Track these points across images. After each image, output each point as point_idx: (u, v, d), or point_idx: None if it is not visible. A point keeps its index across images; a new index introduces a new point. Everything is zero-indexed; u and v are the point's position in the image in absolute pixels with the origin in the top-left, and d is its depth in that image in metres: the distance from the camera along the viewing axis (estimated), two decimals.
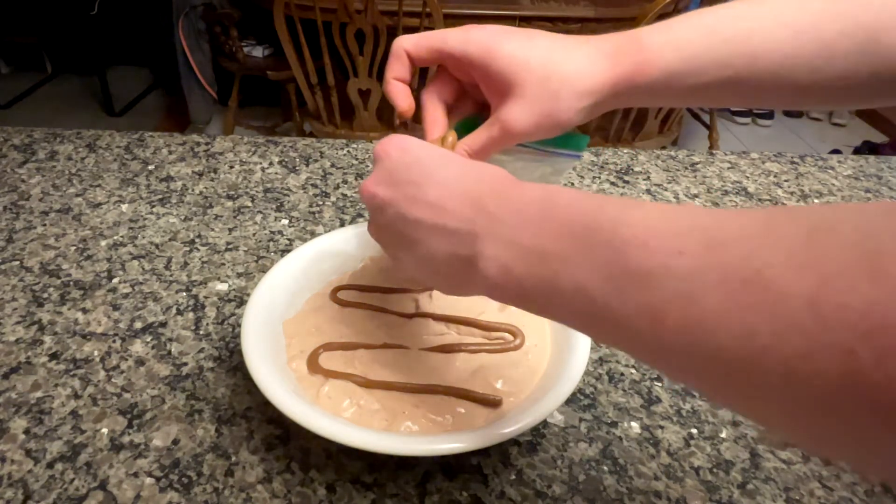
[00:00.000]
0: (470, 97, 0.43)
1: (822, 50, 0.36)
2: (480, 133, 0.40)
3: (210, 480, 0.40)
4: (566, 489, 0.41)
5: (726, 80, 0.38)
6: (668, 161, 0.80)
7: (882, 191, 0.77)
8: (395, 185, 0.34)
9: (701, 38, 0.37)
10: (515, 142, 0.40)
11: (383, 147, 0.36)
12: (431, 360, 0.44)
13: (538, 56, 0.37)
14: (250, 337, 0.42)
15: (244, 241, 0.62)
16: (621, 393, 0.48)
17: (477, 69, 0.39)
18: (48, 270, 0.58)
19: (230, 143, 0.80)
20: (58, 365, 0.48)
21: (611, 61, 0.37)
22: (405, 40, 0.40)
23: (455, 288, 0.34)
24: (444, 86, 0.42)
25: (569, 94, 0.37)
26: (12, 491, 0.39)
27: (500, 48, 0.38)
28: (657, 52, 0.37)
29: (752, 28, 0.37)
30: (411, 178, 0.34)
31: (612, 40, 0.38)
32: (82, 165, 0.74)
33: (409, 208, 0.33)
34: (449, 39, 0.39)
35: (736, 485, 0.42)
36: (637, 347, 0.25)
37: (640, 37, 0.38)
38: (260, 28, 2.37)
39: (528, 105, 0.37)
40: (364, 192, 0.36)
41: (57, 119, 2.89)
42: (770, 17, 0.37)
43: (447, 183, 0.33)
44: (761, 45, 0.37)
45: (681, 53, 0.37)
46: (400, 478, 0.41)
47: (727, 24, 0.37)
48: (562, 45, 0.38)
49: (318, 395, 0.41)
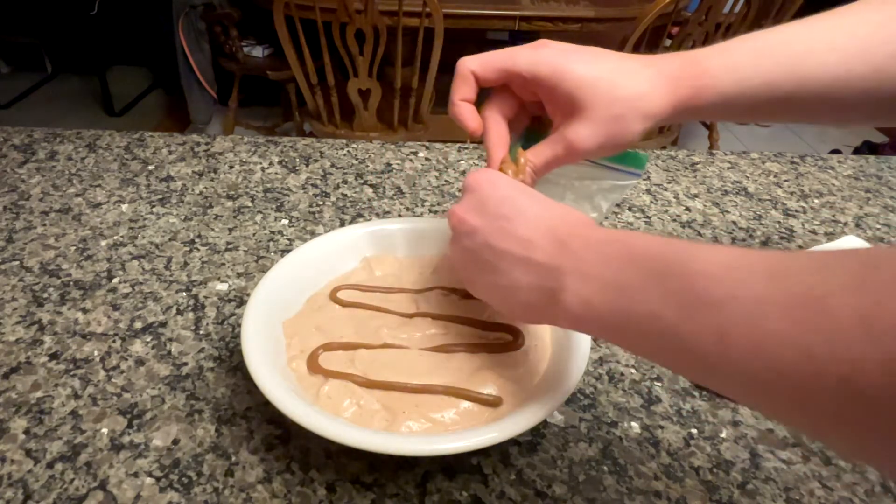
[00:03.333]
0: (526, 111, 0.44)
1: (872, 73, 0.37)
2: (545, 149, 0.41)
3: (210, 480, 0.40)
4: (566, 489, 0.41)
5: (777, 101, 0.39)
6: (668, 161, 0.80)
7: (882, 191, 0.77)
8: (486, 216, 0.37)
9: (755, 62, 0.38)
10: (579, 160, 0.41)
11: (475, 178, 0.39)
12: (431, 360, 0.44)
13: (605, 79, 0.38)
14: (250, 337, 0.42)
15: (244, 241, 0.62)
16: (621, 393, 0.48)
17: (544, 89, 0.40)
18: (48, 270, 0.58)
19: (230, 143, 0.80)
20: (58, 365, 0.48)
21: (672, 86, 0.39)
22: (471, 61, 0.41)
23: (532, 316, 0.37)
24: (504, 102, 0.43)
25: (633, 118, 0.39)
26: (12, 491, 0.39)
27: (569, 69, 0.39)
28: (715, 77, 0.39)
29: (802, 52, 0.38)
30: (502, 211, 0.37)
31: (673, 63, 0.39)
32: (82, 165, 0.74)
33: (498, 239, 0.36)
34: (518, 60, 0.40)
35: (736, 485, 0.42)
36: (704, 369, 0.27)
37: (700, 60, 0.39)
38: (260, 28, 2.37)
39: (593, 125, 0.39)
40: (454, 217, 0.39)
41: (57, 119, 2.89)
42: (820, 41, 0.38)
43: (535, 220, 0.36)
44: (811, 69, 0.38)
45: (736, 76, 0.38)
46: (400, 478, 0.41)
47: (779, 49, 0.39)
48: (627, 67, 0.39)
49: (318, 395, 0.41)
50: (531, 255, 0.34)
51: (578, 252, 0.32)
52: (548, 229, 0.35)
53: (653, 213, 0.70)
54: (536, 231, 0.35)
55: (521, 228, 0.35)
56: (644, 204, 0.71)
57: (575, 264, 0.32)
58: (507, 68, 0.40)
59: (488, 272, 0.37)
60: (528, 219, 0.36)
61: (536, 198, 0.38)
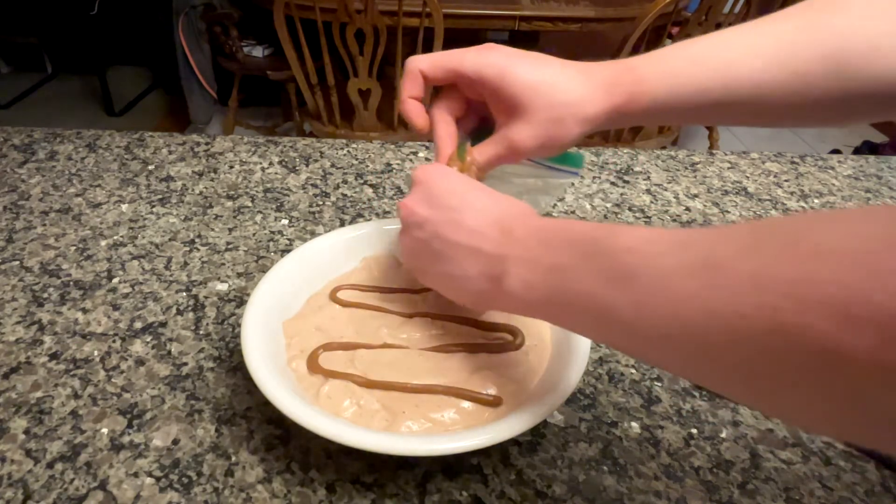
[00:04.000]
0: (474, 112, 0.46)
1: (795, 77, 0.39)
2: (489, 147, 0.43)
3: (210, 480, 0.40)
4: (566, 489, 0.41)
5: (709, 106, 0.41)
6: (668, 161, 0.80)
7: (882, 191, 0.77)
8: (435, 208, 0.39)
9: (687, 69, 0.41)
10: (520, 159, 0.43)
11: (424, 172, 0.41)
12: (431, 360, 0.44)
13: (546, 83, 0.40)
14: (250, 337, 0.42)
15: (244, 241, 0.62)
16: (621, 393, 0.48)
17: (489, 90, 0.42)
18: (48, 270, 0.58)
19: (230, 143, 0.80)
20: (58, 365, 0.48)
21: (608, 92, 0.41)
22: (420, 61, 0.43)
23: (482, 303, 0.39)
24: (453, 102, 0.45)
25: (571, 121, 0.41)
26: (12, 491, 0.39)
27: (512, 71, 0.41)
28: (649, 83, 0.41)
29: (730, 59, 0.40)
30: (451, 203, 0.39)
31: (610, 70, 0.41)
32: (82, 165, 0.74)
33: (448, 230, 0.38)
34: (465, 61, 0.42)
35: (736, 485, 0.42)
36: (629, 338, 0.30)
37: (635, 68, 0.41)
38: (260, 28, 2.37)
39: (534, 127, 0.41)
40: (404, 209, 0.40)
41: (57, 119, 2.89)
42: (746, 47, 0.40)
43: (483, 211, 0.38)
44: (738, 75, 0.40)
45: (669, 82, 0.41)
46: (400, 478, 0.41)
47: (709, 56, 0.41)
48: (567, 73, 0.41)
49: (318, 395, 0.41)
50: (479, 245, 0.36)
51: (521, 239, 0.35)
52: (494, 220, 0.37)
53: (653, 213, 0.70)
54: (484, 222, 0.37)
55: (469, 219, 0.38)
56: (644, 204, 0.71)
57: (518, 251, 0.35)
58: (454, 68, 0.42)
59: (438, 262, 0.39)
60: (476, 210, 0.38)
61: (483, 190, 0.40)
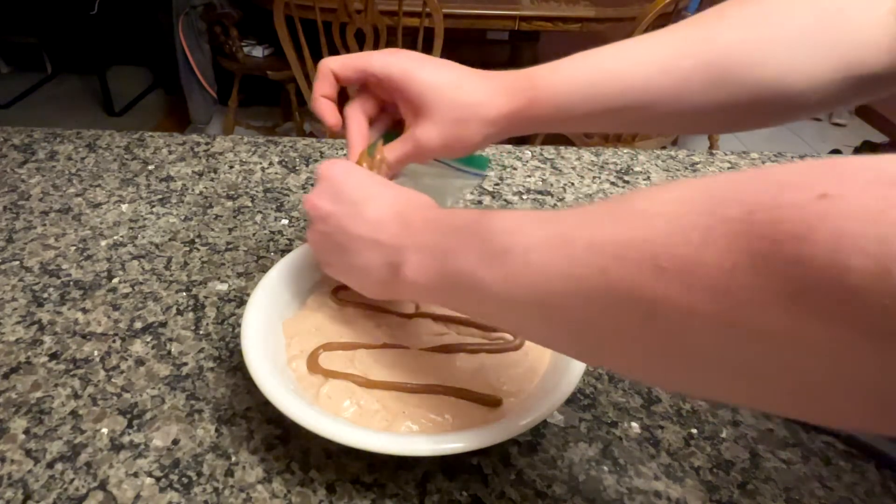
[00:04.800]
0: (388, 114, 0.48)
1: (680, 83, 0.41)
2: (397, 146, 0.45)
3: (210, 480, 0.40)
4: (566, 489, 0.41)
5: (606, 111, 0.43)
6: (668, 161, 0.80)
7: None
8: (339, 202, 0.40)
9: (583, 77, 0.43)
10: (427, 157, 0.45)
11: (329, 167, 0.42)
12: (431, 360, 0.44)
13: (449, 85, 0.42)
14: (250, 337, 0.42)
15: (244, 241, 0.62)
16: (621, 393, 0.48)
17: (396, 90, 0.43)
18: (48, 270, 0.58)
19: (230, 143, 0.80)
20: (58, 365, 0.48)
21: (509, 96, 0.43)
22: (332, 62, 0.45)
23: (385, 292, 0.40)
24: (366, 102, 0.46)
25: (474, 122, 0.43)
26: (12, 491, 0.39)
27: (417, 73, 0.43)
28: (545, 89, 0.43)
29: (623, 67, 0.42)
30: (353, 197, 0.40)
31: (511, 76, 0.43)
32: (82, 165, 0.74)
33: (350, 223, 0.39)
34: (373, 61, 0.44)
35: (736, 485, 0.42)
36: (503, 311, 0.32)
37: (532, 76, 0.43)
38: (260, 28, 2.37)
39: (438, 127, 0.43)
40: (308, 203, 0.42)
41: (57, 119, 2.89)
42: (637, 58, 0.42)
43: (384, 204, 0.39)
44: (630, 81, 0.42)
45: (566, 89, 0.43)
46: (400, 478, 0.41)
47: (604, 64, 0.43)
48: (470, 77, 0.43)
49: (318, 395, 0.41)
50: (379, 237, 0.38)
51: (417, 229, 0.37)
52: (395, 213, 0.39)
53: None
54: (384, 214, 0.39)
55: (370, 212, 0.39)
56: None
57: (414, 240, 0.37)
58: (363, 68, 0.44)
59: (342, 254, 0.41)
60: (378, 203, 0.39)
61: (385, 185, 0.41)
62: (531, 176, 0.75)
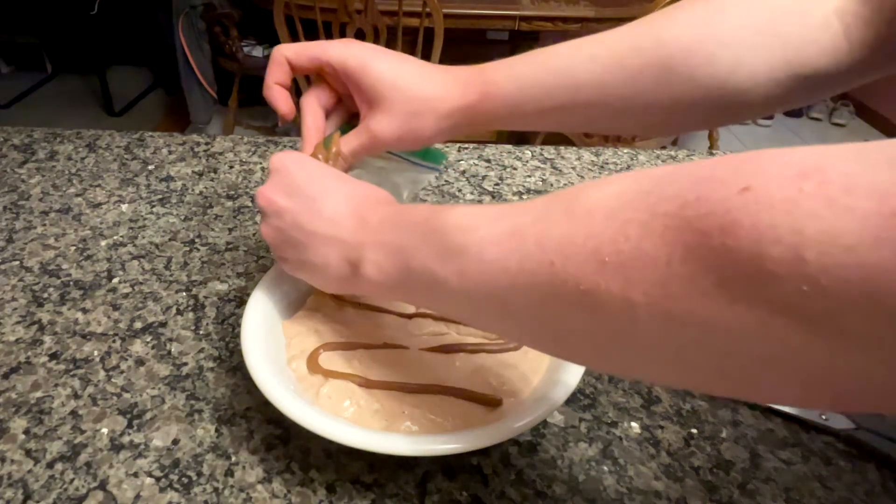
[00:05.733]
0: (344, 105, 0.47)
1: (628, 81, 0.42)
2: (352, 138, 0.44)
3: (210, 480, 0.40)
4: (566, 489, 0.41)
5: (557, 107, 0.43)
6: (668, 161, 0.80)
7: None
8: (294, 197, 0.40)
9: (534, 73, 0.43)
10: (382, 149, 0.45)
11: (281, 160, 0.41)
12: (431, 360, 0.44)
13: (405, 77, 0.43)
14: (250, 337, 0.42)
15: (244, 241, 0.62)
16: (621, 393, 0.48)
17: (352, 80, 0.43)
18: (48, 270, 0.58)
19: (230, 143, 0.80)
20: (58, 365, 0.48)
21: (462, 90, 0.43)
22: (286, 48, 0.44)
23: (344, 287, 0.40)
24: (322, 92, 0.46)
25: (428, 115, 0.43)
26: (12, 491, 0.39)
27: (373, 64, 0.42)
28: (498, 84, 0.43)
29: (573, 64, 0.43)
30: (309, 192, 0.39)
31: (465, 71, 0.44)
32: (82, 165, 0.74)
33: (307, 220, 0.39)
34: (329, 50, 0.43)
35: (736, 485, 0.42)
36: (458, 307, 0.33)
37: (485, 71, 0.44)
38: (260, 28, 2.37)
39: (392, 118, 0.43)
40: (261, 198, 0.41)
41: (57, 119, 2.89)
42: (587, 56, 0.43)
43: (341, 200, 0.39)
44: (580, 78, 0.42)
45: (517, 84, 0.43)
46: (400, 478, 0.41)
47: (555, 61, 0.43)
48: (426, 71, 0.43)
49: (318, 395, 0.41)
50: (336, 234, 0.38)
51: (374, 225, 0.37)
52: (352, 209, 0.38)
53: None
54: (342, 211, 0.38)
55: (327, 208, 0.39)
56: None
57: (372, 237, 0.36)
58: (318, 57, 0.44)
59: (299, 250, 0.40)
60: (335, 199, 0.39)
61: (340, 178, 0.41)
62: (531, 176, 0.75)
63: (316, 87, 0.46)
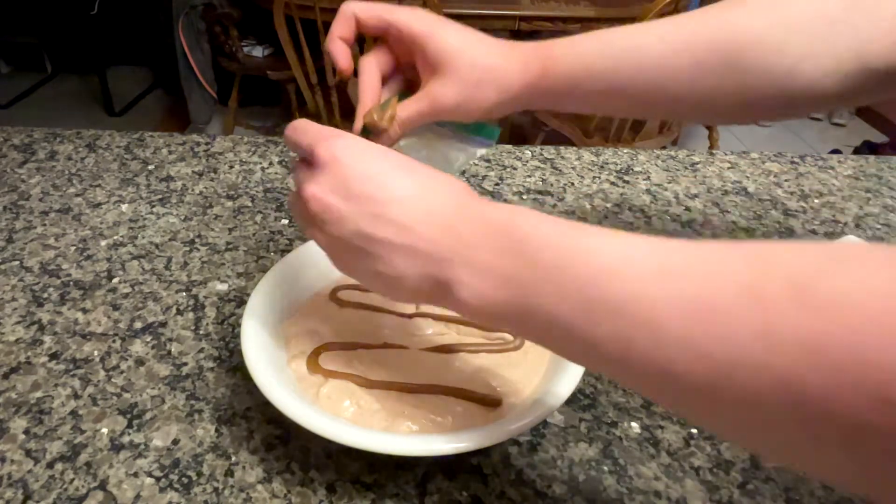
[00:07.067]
0: (401, 74, 0.46)
1: (694, 65, 0.41)
2: (410, 104, 0.43)
3: (210, 480, 0.40)
4: (566, 489, 0.41)
5: (618, 87, 0.43)
6: (668, 161, 0.80)
7: (882, 191, 0.77)
8: (352, 199, 0.33)
9: (598, 50, 0.43)
10: (439, 117, 0.44)
11: (330, 151, 0.34)
12: (431, 360, 0.44)
13: (470, 46, 0.42)
14: (250, 337, 0.42)
15: (244, 241, 0.62)
16: (621, 393, 0.48)
17: (417, 44, 0.43)
18: (48, 270, 0.58)
19: (230, 143, 0.80)
20: (58, 365, 0.48)
21: (524, 64, 0.43)
22: (355, 5, 0.44)
23: (423, 300, 0.35)
24: (383, 56, 0.45)
25: (489, 85, 0.42)
26: (12, 491, 0.39)
27: (440, 30, 0.42)
28: (561, 58, 0.43)
29: (638, 43, 0.43)
30: (368, 191, 0.33)
31: (527, 46, 0.44)
32: (82, 165, 0.74)
33: (372, 226, 0.33)
34: (397, 12, 0.43)
35: (736, 485, 0.42)
36: (608, 370, 0.28)
37: (550, 46, 0.44)
38: (260, 28, 2.37)
39: (455, 85, 0.42)
40: (315, 202, 0.34)
41: (57, 119, 2.89)
42: (654, 34, 0.43)
43: (410, 202, 0.33)
44: (645, 58, 0.42)
45: (580, 60, 0.43)
46: (400, 478, 0.41)
47: (620, 39, 0.43)
48: (490, 43, 0.43)
49: (318, 395, 0.41)
50: (413, 244, 0.32)
51: (465, 238, 0.31)
52: (427, 212, 0.32)
53: (653, 214, 0.70)
54: (415, 215, 0.32)
55: (395, 213, 0.32)
56: (644, 204, 0.71)
57: (464, 254, 0.31)
58: (386, 18, 0.43)
59: (366, 261, 0.34)
60: (402, 201, 0.33)
61: (402, 169, 0.34)
62: (531, 176, 0.75)
63: (377, 49, 0.45)
